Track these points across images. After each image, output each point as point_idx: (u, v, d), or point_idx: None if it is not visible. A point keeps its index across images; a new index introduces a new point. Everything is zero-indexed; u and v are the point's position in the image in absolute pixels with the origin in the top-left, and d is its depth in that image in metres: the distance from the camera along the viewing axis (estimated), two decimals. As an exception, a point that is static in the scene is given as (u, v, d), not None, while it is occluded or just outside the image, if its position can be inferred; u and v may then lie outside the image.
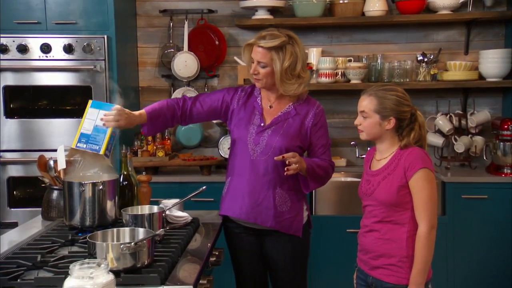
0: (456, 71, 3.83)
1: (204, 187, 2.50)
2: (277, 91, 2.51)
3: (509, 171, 3.63)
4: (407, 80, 3.87)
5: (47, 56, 3.59)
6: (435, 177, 2.22)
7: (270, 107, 2.55)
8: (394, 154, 2.24)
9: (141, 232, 1.90)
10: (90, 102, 2.43)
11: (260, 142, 2.47)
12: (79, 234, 2.19)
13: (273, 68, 2.42)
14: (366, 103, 2.24)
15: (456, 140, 3.86)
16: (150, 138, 3.89)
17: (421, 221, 2.16)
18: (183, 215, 2.37)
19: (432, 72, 3.87)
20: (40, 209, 2.57)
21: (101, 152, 2.28)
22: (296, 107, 2.52)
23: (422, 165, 2.16)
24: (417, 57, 3.91)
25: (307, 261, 2.64)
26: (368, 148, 3.95)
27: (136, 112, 2.45)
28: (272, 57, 2.41)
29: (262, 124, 2.50)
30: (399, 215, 2.20)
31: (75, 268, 1.44)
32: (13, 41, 3.57)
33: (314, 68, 3.90)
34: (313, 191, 3.51)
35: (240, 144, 2.52)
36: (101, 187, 2.23)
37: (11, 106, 3.67)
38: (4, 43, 3.56)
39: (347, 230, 3.49)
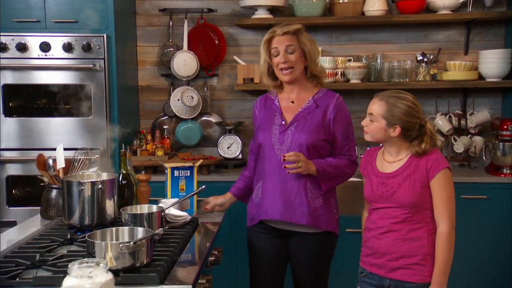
0: (455, 71, 3.83)
1: (203, 187, 2.50)
2: (299, 85, 2.54)
3: (508, 171, 3.62)
4: (407, 80, 3.86)
5: (46, 55, 3.58)
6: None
7: (292, 102, 2.55)
8: (411, 155, 2.26)
9: (140, 232, 1.90)
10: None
11: (285, 141, 2.48)
12: (78, 233, 2.18)
13: (301, 52, 2.47)
14: (375, 106, 2.26)
15: (455, 140, 3.85)
16: (149, 137, 3.89)
17: (442, 220, 2.19)
18: (182, 214, 2.36)
19: (431, 72, 3.87)
20: (39, 208, 2.56)
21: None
22: (316, 100, 2.53)
23: (444, 165, 2.20)
24: (416, 57, 3.90)
25: (331, 262, 2.63)
26: (367, 148, 3.96)
27: (227, 198, 2.69)
28: (299, 39, 2.47)
29: (283, 123, 2.51)
30: (421, 215, 2.22)
31: (74, 267, 1.43)
32: (12, 39, 3.56)
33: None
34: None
35: (266, 147, 2.52)
36: (100, 186, 2.22)
37: (10, 104, 3.67)
38: (4, 41, 3.56)
39: (346, 230, 3.48)
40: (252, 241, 2.64)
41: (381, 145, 2.41)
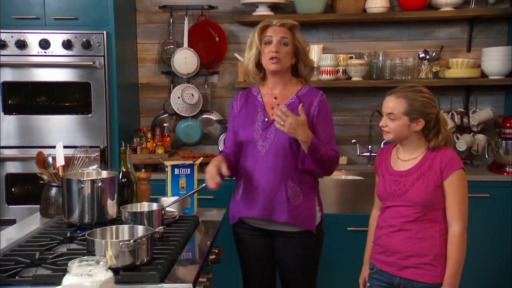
0: (458, 68, 3.81)
1: (203, 185, 2.48)
2: (284, 80, 2.51)
3: (511, 169, 3.60)
4: (409, 77, 3.84)
5: (45, 52, 3.57)
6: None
7: (275, 98, 2.52)
8: (425, 154, 2.24)
9: (140, 230, 1.89)
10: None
11: (268, 137, 2.45)
12: (78, 232, 2.17)
13: (293, 48, 2.46)
14: (394, 104, 2.21)
15: (458, 138, 3.83)
16: (149, 135, 3.87)
17: (455, 221, 2.17)
18: (171, 211, 2.34)
19: (434, 70, 3.85)
20: (39, 206, 2.55)
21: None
22: (299, 96, 2.50)
23: (459, 165, 2.18)
24: (419, 55, 3.89)
25: (318, 262, 2.60)
26: (370, 146, 3.95)
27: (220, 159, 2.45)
28: (294, 35, 2.47)
29: (266, 119, 2.48)
30: (432, 214, 2.20)
31: (74, 266, 1.42)
32: (12, 36, 3.55)
33: (315, 65, 3.88)
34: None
35: (249, 144, 2.49)
36: (100, 184, 2.20)
37: (10, 102, 3.65)
38: (3, 38, 3.55)
39: (348, 229, 3.47)
40: (238, 241, 2.62)
41: (393, 142, 2.38)
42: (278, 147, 2.42)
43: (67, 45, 3.54)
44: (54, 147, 2.56)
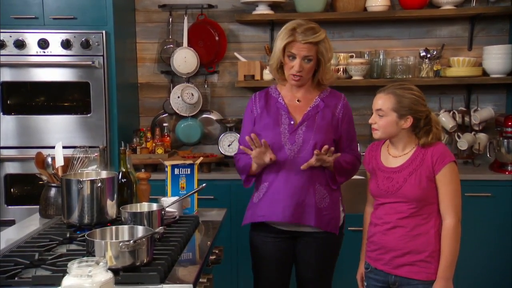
0: (459, 67, 3.79)
1: (204, 185, 2.47)
2: (305, 86, 2.51)
3: (512, 168, 3.59)
4: (410, 76, 3.83)
5: (44, 52, 3.55)
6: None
7: (298, 101, 2.52)
8: (416, 149, 2.25)
9: (140, 230, 1.87)
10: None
11: (296, 140, 2.44)
12: (78, 232, 2.16)
13: (315, 61, 2.43)
14: (383, 101, 2.23)
15: (459, 137, 3.82)
16: (149, 135, 3.85)
17: (448, 214, 2.18)
18: (171, 211, 2.32)
19: (435, 68, 3.84)
20: (38, 206, 2.54)
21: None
22: (323, 99, 2.52)
23: (450, 158, 2.19)
24: (420, 53, 3.88)
25: (336, 261, 2.62)
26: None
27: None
28: (318, 50, 2.41)
29: (292, 122, 2.47)
30: (427, 209, 2.21)
31: (74, 266, 1.41)
32: (10, 36, 3.53)
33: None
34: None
35: (274, 147, 2.45)
36: (99, 184, 2.19)
37: (8, 102, 3.64)
38: (1, 38, 3.53)
39: (349, 228, 3.44)
40: (257, 245, 2.58)
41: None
42: (308, 151, 2.42)
43: (66, 44, 3.52)
44: (53, 147, 2.55)
